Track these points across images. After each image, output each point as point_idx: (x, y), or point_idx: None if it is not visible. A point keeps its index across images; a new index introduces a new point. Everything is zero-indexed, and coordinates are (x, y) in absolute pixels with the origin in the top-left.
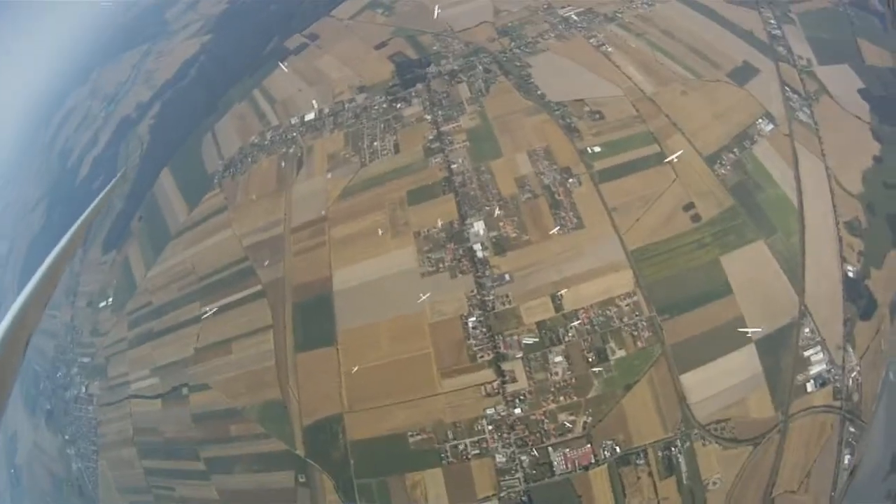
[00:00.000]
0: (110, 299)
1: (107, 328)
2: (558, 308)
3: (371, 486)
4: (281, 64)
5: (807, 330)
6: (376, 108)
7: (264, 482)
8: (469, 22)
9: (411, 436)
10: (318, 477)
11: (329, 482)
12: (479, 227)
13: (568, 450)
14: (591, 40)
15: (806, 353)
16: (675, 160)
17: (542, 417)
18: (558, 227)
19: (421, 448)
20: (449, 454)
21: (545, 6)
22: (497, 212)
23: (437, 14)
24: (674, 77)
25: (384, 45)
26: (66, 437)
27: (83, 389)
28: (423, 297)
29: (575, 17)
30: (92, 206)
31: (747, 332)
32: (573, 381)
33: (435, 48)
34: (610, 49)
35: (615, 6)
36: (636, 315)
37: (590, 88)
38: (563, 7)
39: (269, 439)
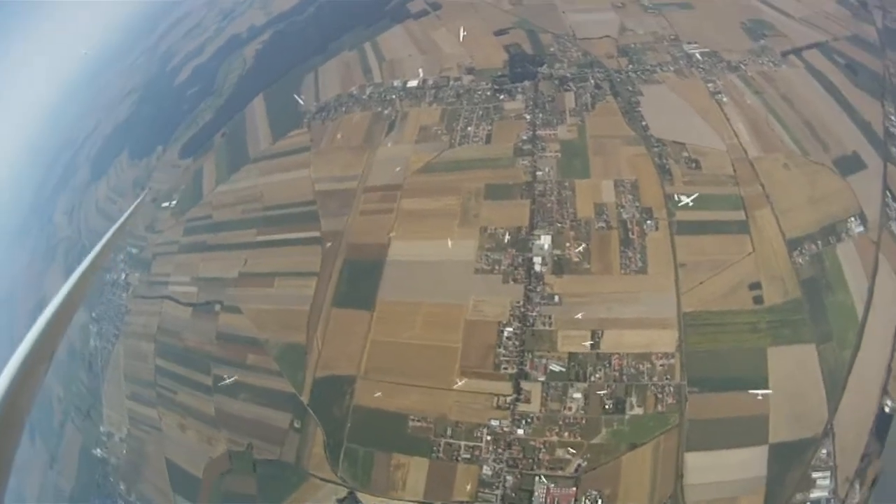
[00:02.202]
0: (174, 202)
1: (162, 228)
2: (595, 346)
3: (357, 453)
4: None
5: (824, 451)
6: (480, 93)
7: (261, 416)
8: (592, 32)
9: (412, 420)
10: (313, 428)
11: (321, 436)
12: (545, 241)
13: (553, 485)
14: (709, 85)
15: (814, 475)
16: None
17: (541, 446)
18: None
19: (417, 434)
20: (441, 449)
21: (672, 36)
22: (567, 231)
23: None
24: (780, 146)
25: (504, 32)
26: (93, 314)
27: (123, 276)
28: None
29: (699, 57)
30: (114, 228)
31: (766, 433)
32: (583, 421)
33: (552, 49)
34: (725, 99)
35: (741, 56)
36: (667, 378)
37: (694, 134)
38: (689, 42)
39: (280, 378)
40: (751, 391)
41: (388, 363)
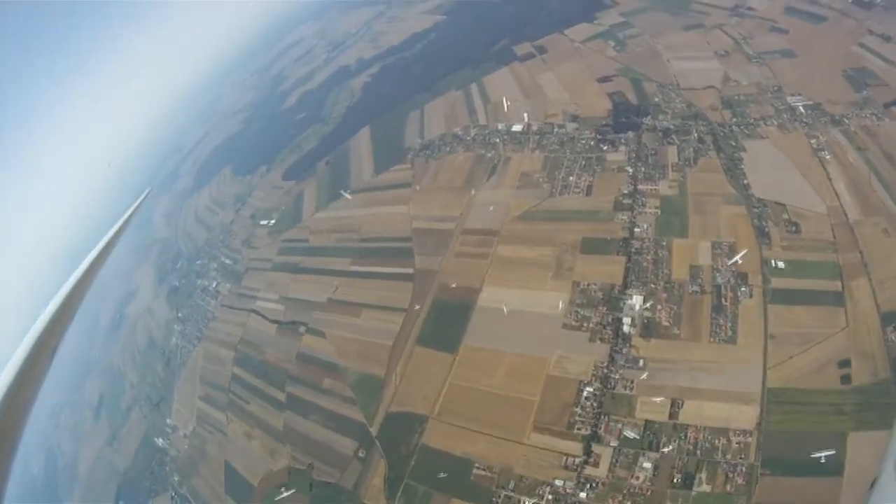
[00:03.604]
0: (272, 221)
1: (258, 244)
2: (673, 415)
3: (417, 491)
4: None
5: None
6: (583, 142)
7: (328, 439)
8: (696, 82)
9: (477, 468)
10: (376, 459)
11: (383, 468)
12: (636, 301)
13: None
14: (812, 141)
15: None
16: None
17: None
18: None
19: (480, 483)
20: (500, 501)
21: (775, 87)
22: (660, 293)
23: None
24: (881, 209)
25: (608, 80)
26: (180, 314)
27: (214, 284)
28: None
29: (802, 110)
30: (114, 228)
31: None
32: (649, 493)
33: (656, 99)
34: (827, 157)
35: (844, 108)
36: (741, 457)
37: (796, 195)
38: (792, 94)
39: (353, 406)
40: (813, 454)
41: (462, 408)
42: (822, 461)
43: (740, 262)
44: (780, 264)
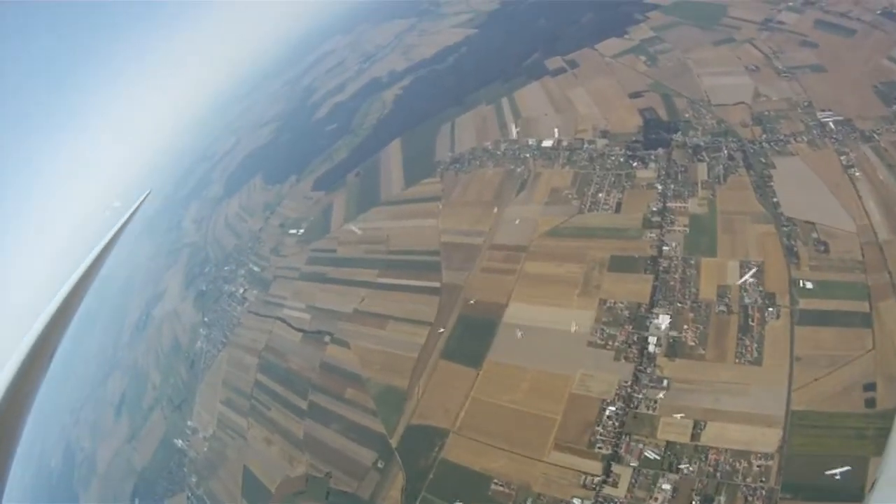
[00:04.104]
0: (301, 231)
1: (287, 253)
2: (695, 437)
3: None
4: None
5: None
6: (613, 158)
7: (347, 449)
8: (727, 98)
9: (495, 484)
10: (395, 471)
11: (401, 481)
12: (663, 321)
13: None
14: (843, 158)
15: None
16: None
17: None
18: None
19: (497, 499)
20: None
21: (805, 103)
22: (687, 313)
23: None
24: None
25: (639, 95)
26: (206, 319)
27: (241, 291)
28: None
29: (832, 126)
30: (112, 232)
31: None
32: None
33: (687, 116)
34: (858, 174)
35: (874, 124)
36: (761, 481)
37: (825, 213)
38: (822, 110)
39: (374, 418)
40: (827, 472)
41: (483, 423)
42: (838, 478)
43: (750, 280)
44: (809, 284)
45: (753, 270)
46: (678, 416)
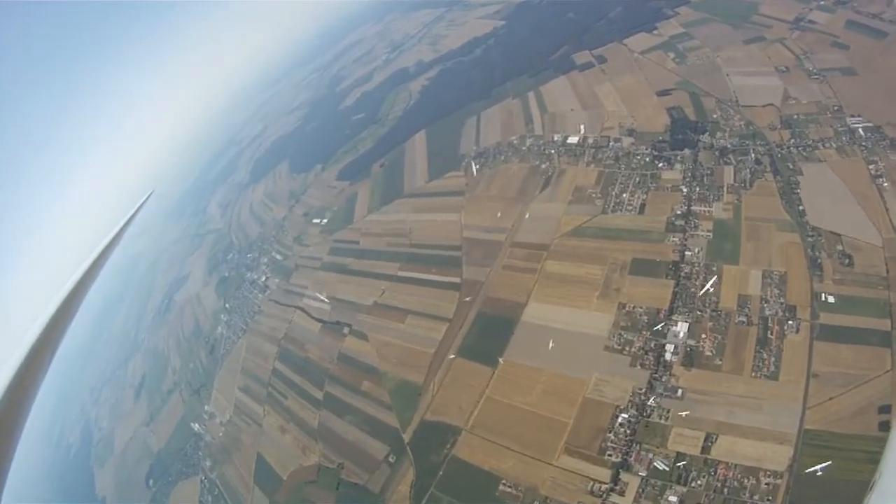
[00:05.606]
0: (325, 220)
1: (309, 242)
2: (705, 450)
3: (441, 502)
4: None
5: None
6: (639, 157)
7: (359, 441)
8: (756, 99)
9: (503, 484)
10: (406, 466)
11: (411, 476)
12: (681, 328)
13: None
14: (871, 167)
15: None
16: None
17: None
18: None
19: (504, 499)
20: None
21: (835, 107)
22: (706, 322)
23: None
24: None
25: (667, 93)
26: (227, 305)
27: (263, 278)
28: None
29: (861, 133)
30: (116, 229)
31: None
32: None
33: (715, 116)
34: (885, 184)
35: None
36: (768, 499)
37: (852, 225)
38: (853, 116)
39: (389, 412)
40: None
41: (496, 423)
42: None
43: (711, 290)
44: (831, 299)
45: (713, 280)
46: (684, 413)
